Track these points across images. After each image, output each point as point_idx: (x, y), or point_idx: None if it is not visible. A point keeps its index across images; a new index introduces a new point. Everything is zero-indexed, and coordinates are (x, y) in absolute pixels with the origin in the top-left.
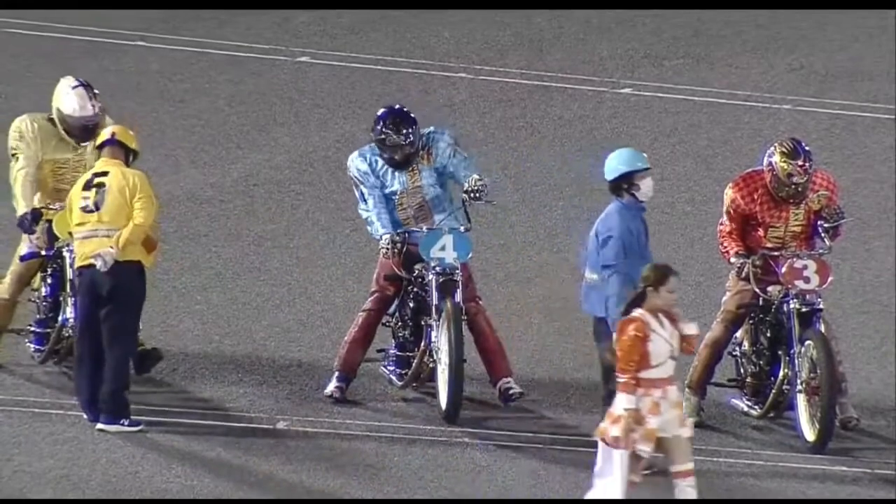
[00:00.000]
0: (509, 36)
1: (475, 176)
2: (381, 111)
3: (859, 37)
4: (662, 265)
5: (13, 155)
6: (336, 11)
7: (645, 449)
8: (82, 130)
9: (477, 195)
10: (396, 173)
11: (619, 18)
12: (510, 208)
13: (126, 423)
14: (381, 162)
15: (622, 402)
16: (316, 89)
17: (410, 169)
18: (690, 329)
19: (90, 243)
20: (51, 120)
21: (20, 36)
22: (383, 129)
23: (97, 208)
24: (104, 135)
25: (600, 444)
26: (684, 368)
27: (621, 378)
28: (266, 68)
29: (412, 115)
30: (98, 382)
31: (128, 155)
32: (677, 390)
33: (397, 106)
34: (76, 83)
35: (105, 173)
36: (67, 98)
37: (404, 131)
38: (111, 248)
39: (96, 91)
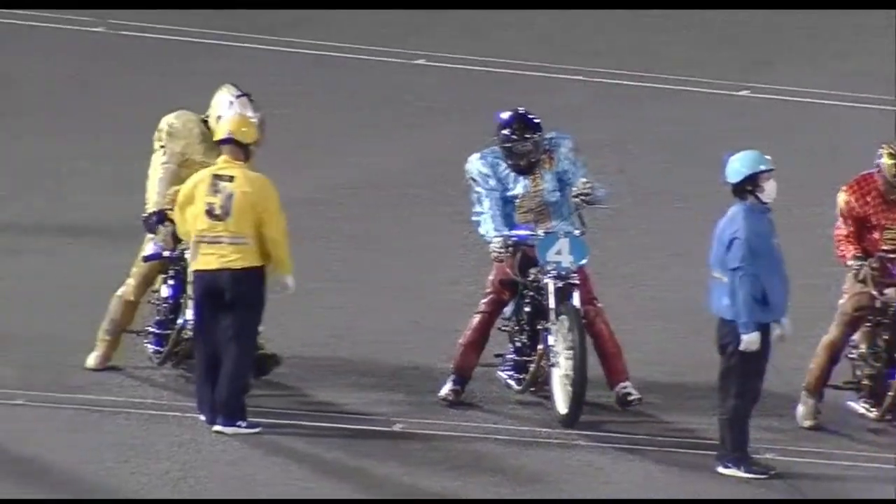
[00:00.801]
0: (625, 38)
1: (583, 179)
2: (505, 116)
3: None
4: None
5: (161, 147)
6: (452, 13)
7: None
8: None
9: (586, 198)
10: (521, 177)
11: (733, 20)
12: (625, 210)
13: (243, 424)
14: (503, 165)
15: None
16: (432, 91)
17: (533, 173)
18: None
19: (212, 248)
20: (204, 122)
21: (133, 38)
22: (509, 136)
23: (226, 215)
24: (221, 131)
25: None
26: (802, 372)
27: None
28: (382, 70)
29: (536, 119)
30: (213, 385)
31: (246, 151)
32: None
33: (521, 110)
34: (239, 93)
35: (231, 178)
36: (231, 108)
37: (529, 138)
38: (286, 276)
39: (256, 103)
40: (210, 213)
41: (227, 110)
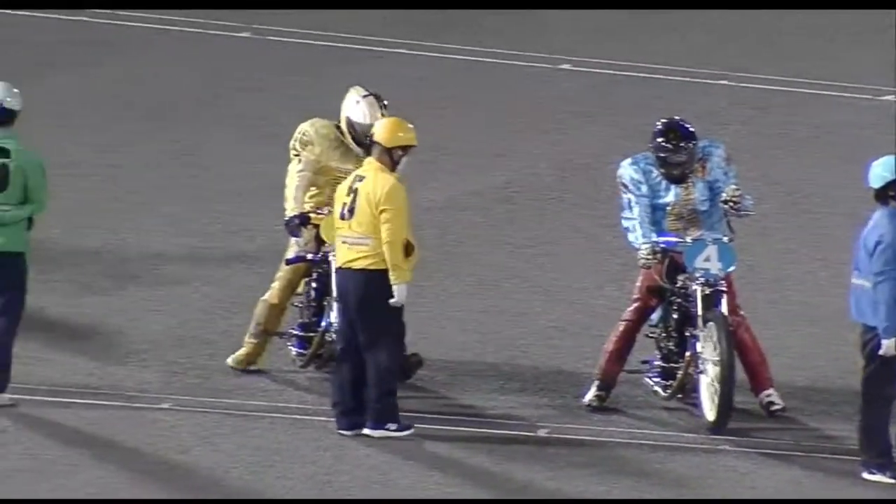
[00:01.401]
0: (766, 43)
1: (732, 185)
2: (660, 124)
3: None
4: None
5: (295, 156)
6: (596, 18)
7: None
8: (364, 138)
9: (735, 205)
10: (671, 185)
11: (877, 26)
12: (770, 215)
13: (393, 427)
14: (655, 172)
15: None
16: (576, 96)
17: (685, 181)
18: None
19: (342, 249)
20: (338, 127)
21: (275, 43)
22: (663, 145)
23: (350, 215)
24: (376, 134)
25: None
26: None
27: None
28: (527, 75)
29: (691, 128)
30: (354, 389)
31: (391, 155)
32: None
33: (677, 118)
34: (366, 92)
35: (363, 178)
36: (358, 107)
37: (684, 147)
38: (396, 284)
39: (385, 102)
40: (342, 213)
41: (353, 110)
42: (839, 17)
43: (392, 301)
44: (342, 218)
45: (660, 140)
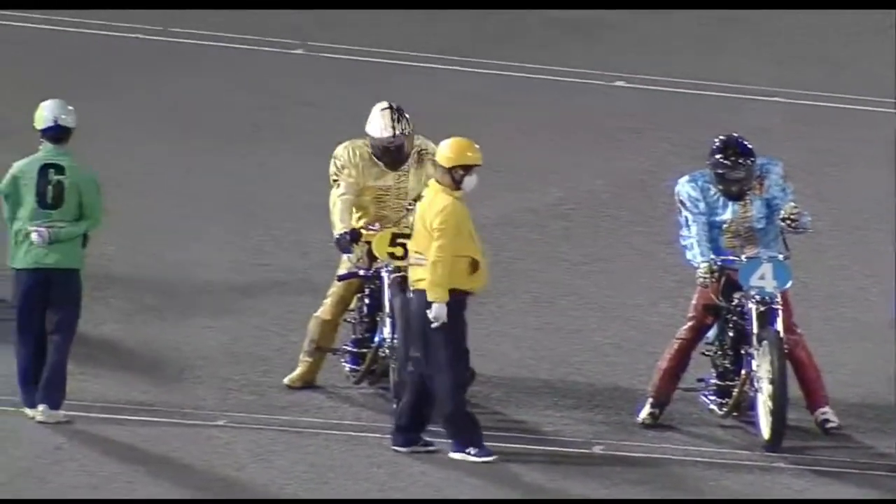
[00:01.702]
0: (823, 60)
1: (791, 203)
2: (717, 141)
3: None
4: None
5: (334, 181)
6: (650, 36)
7: None
8: (383, 152)
9: (793, 223)
10: (730, 202)
11: None
12: (824, 232)
13: (473, 451)
14: (713, 189)
15: None
16: (631, 113)
17: (743, 199)
18: None
19: (411, 269)
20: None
21: (333, 60)
22: (721, 161)
23: (411, 234)
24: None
25: None
26: None
27: None
28: (581, 92)
29: (749, 145)
30: (411, 408)
31: (452, 175)
32: None
33: (735, 135)
34: (385, 106)
35: (423, 198)
36: (374, 121)
37: (742, 164)
38: (434, 303)
39: (407, 115)
40: (409, 233)
41: (370, 124)
42: (890, 33)
43: (431, 316)
44: (408, 237)
45: (718, 157)
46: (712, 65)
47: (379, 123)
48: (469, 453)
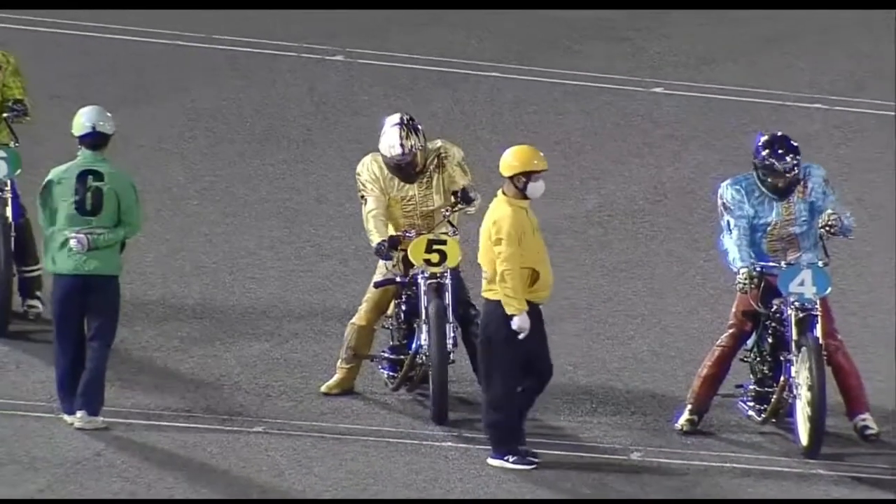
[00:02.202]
0: (864, 66)
1: (829, 210)
2: (762, 138)
3: None
4: None
5: (362, 198)
6: (689, 42)
7: None
8: (396, 169)
9: (831, 229)
10: (774, 204)
11: None
12: (865, 239)
13: (511, 459)
14: (756, 192)
15: None
16: (670, 120)
17: (787, 201)
18: None
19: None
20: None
21: (375, 67)
22: (769, 156)
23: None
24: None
25: None
26: None
27: None
28: (620, 99)
29: (795, 143)
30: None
31: (514, 183)
32: None
33: (779, 133)
34: (396, 121)
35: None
36: (382, 137)
37: (789, 158)
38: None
39: (419, 127)
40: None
41: (380, 141)
42: None
43: (514, 328)
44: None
45: (765, 152)
46: (751, 71)
47: (388, 141)
48: (507, 461)
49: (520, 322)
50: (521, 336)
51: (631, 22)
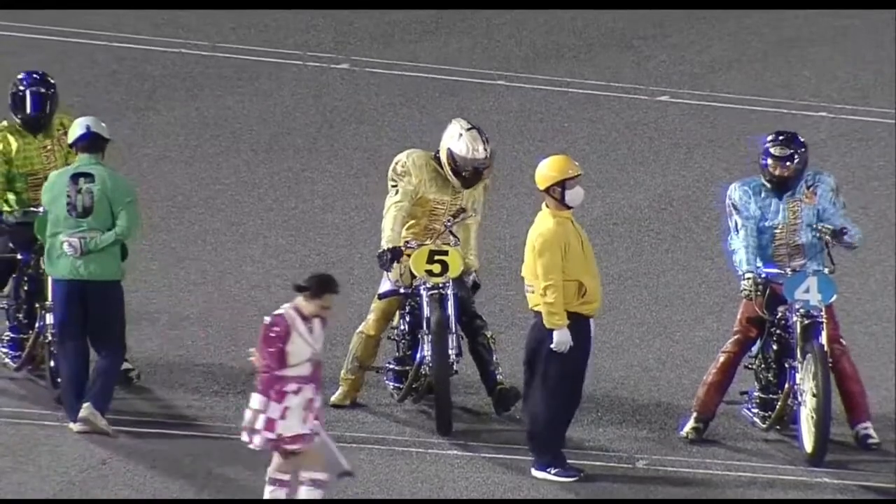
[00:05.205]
0: (869, 75)
1: (827, 225)
2: (767, 135)
3: None
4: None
5: (392, 187)
6: (695, 51)
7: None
8: (470, 172)
9: (837, 238)
10: (780, 206)
11: None
12: (871, 248)
13: (553, 471)
14: (763, 193)
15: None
16: (675, 128)
17: (793, 204)
18: None
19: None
20: (435, 158)
21: (380, 75)
22: (771, 143)
23: (450, 251)
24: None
25: None
26: None
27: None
28: (625, 107)
29: (802, 139)
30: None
31: (551, 194)
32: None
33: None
34: (469, 126)
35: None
36: (460, 140)
37: (792, 148)
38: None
39: (487, 136)
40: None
41: (455, 142)
42: None
43: (553, 345)
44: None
45: (769, 143)
46: (756, 80)
47: (469, 144)
48: (549, 472)
49: (559, 337)
50: (561, 350)
51: (636, 30)
